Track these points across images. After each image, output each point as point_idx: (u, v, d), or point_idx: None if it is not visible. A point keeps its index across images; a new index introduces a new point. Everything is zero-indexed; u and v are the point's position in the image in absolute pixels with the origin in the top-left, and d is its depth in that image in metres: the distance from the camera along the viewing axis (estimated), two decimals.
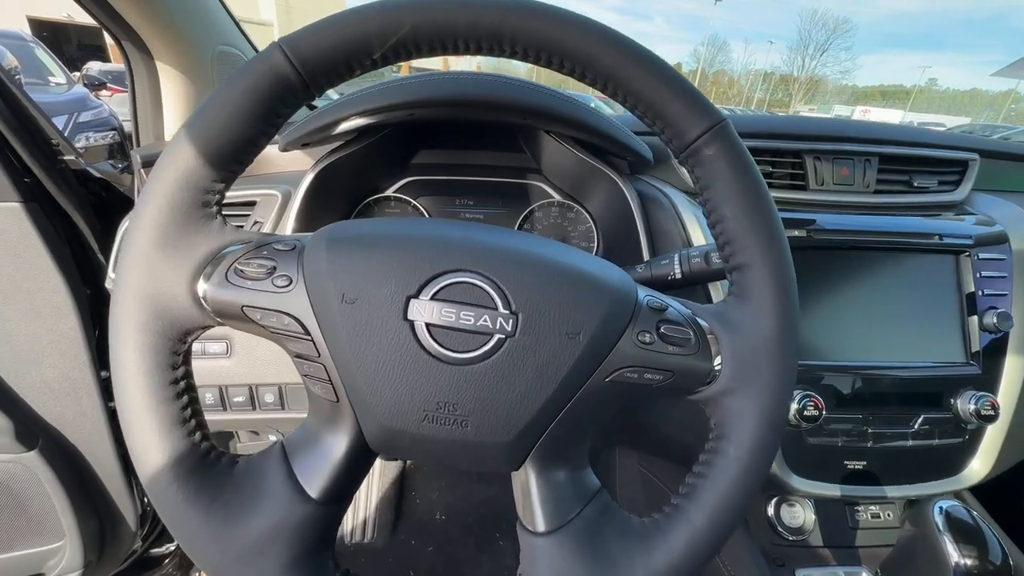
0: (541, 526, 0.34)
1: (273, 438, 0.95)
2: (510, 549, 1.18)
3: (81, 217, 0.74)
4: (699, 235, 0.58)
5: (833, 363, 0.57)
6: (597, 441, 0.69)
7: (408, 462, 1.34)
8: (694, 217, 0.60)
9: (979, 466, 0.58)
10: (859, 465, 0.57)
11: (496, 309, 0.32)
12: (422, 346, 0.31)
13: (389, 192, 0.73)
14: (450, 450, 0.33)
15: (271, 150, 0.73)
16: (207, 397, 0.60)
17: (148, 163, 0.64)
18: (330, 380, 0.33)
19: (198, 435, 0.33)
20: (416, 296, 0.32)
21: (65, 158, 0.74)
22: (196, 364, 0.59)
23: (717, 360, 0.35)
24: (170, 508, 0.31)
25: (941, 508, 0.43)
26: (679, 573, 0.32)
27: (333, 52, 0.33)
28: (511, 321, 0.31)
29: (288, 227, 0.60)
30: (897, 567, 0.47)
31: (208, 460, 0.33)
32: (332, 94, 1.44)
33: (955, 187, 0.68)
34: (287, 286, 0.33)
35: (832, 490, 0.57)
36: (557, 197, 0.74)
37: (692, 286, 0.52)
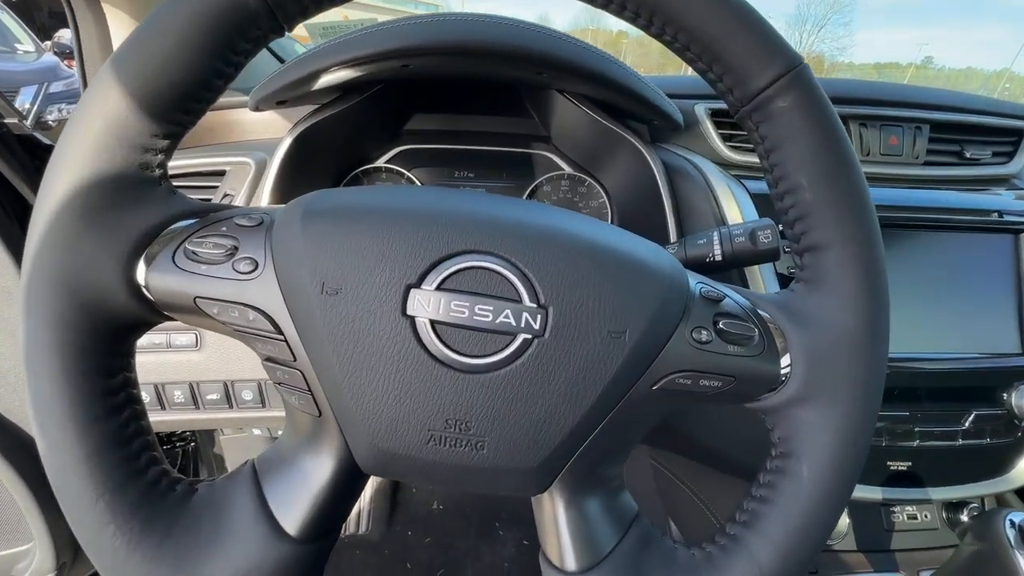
0: (572, 564, 0.28)
1: (257, 432, 0.88)
2: (510, 539, 1.14)
3: (29, 189, 0.65)
4: (735, 213, 0.51)
5: None
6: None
7: None
8: (729, 191, 0.53)
9: None
10: (903, 466, 0.52)
11: (520, 302, 0.25)
12: (426, 349, 0.25)
13: (380, 163, 0.65)
14: (460, 476, 0.27)
15: (243, 113, 0.64)
16: (176, 395, 0.53)
17: None
18: (310, 390, 0.26)
19: (144, 458, 0.26)
20: (418, 285, 0.25)
21: (7, 121, 0.64)
22: (161, 358, 0.52)
23: (785, 361, 0.29)
24: (106, 556, 0.25)
25: (1012, 522, 0.38)
26: None
27: None
28: (539, 317, 0.25)
29: (264, 198, 0.52)
30: None
31: (158, 490, 0.26)
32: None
33: (1009, 159, 0.61)
34: (252, 272, 0.26)
35: (872, 493, 0.52)
36: (567, 169, 0.67)
37: (732, 270, 0.46)
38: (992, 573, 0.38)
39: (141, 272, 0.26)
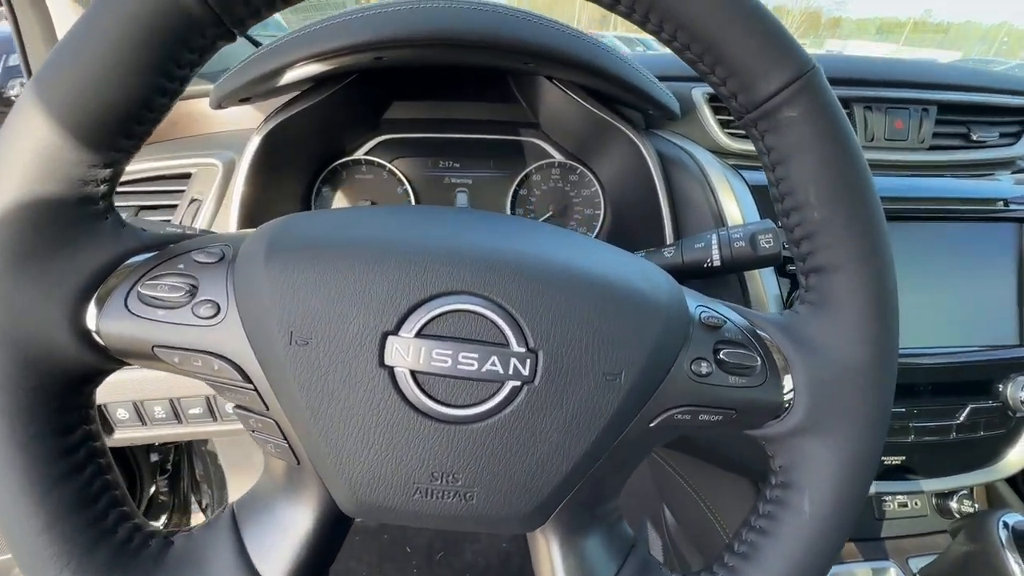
0: None
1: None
2: None
3: None
4: (733, 206, 0.49)
5: None
6: None
7: None
8: (726, 182, 0.50)
9: (1020, 455, 0.54)
10: (896, 461, 0.52)
11: (508, 347, 0.23)
12: (407, 401, 0.23)
13: (359, 155, 0.62)
14: (449, 522, 0.25)
15: (206, 104, 0.59)
16: (156, 411, 0.51)
17: None
18: (286, 439, 0.25)
19: (112, 517, 0.25)
20: (395, 332, 0.23)
21: None
22: (139, 375, 0.50)
23: (787, 387, 0.27)
24: None
25: (1005, 523, 0.38)
26: None
27: None
28: (529, 362, 0.23)
29: (234, 205, 0.49)
30: (940, 569, 0.43)
31: (129, 549, 0.25)
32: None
33: (1015, 139, 0.59)
34: (214, 316, 0.24)
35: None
36: (558, 156, 0.63)
37: (731, 274, 0.44)
38: (984, 573, 0.38)
39: (92, 318, 0.24)
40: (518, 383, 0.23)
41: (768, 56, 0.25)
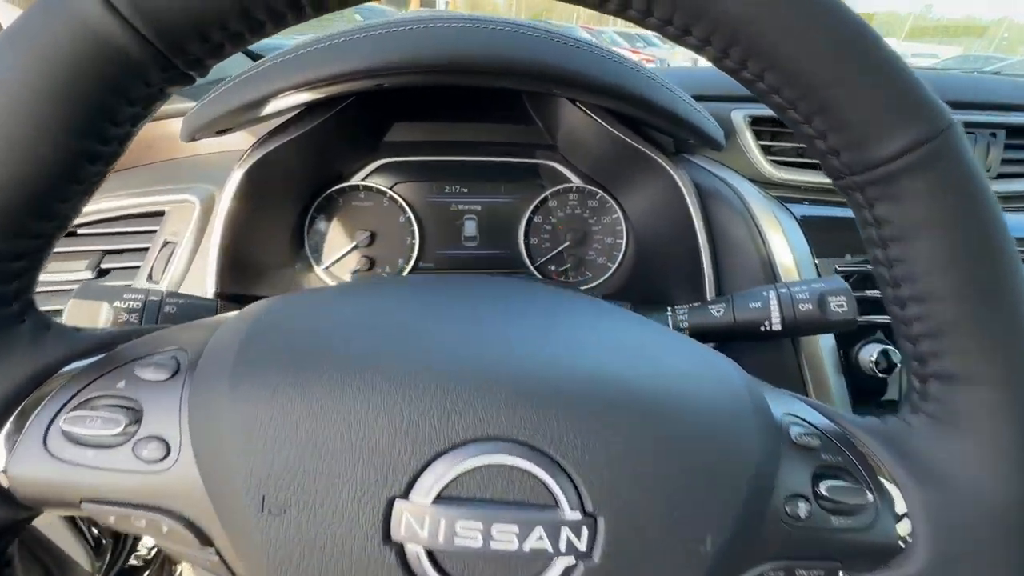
0: None
1: None
2: None
3: None
4: (783, 248, 0.43)
5: None
6: None
7: None
8: (774, 219, 0.44)
9: None
10: None
11: (559, 511, 0.17)
12: None
13: (357, 180, 0.55)
14: None
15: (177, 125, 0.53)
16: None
17: None
18: None
19: None
20: (405, 496, 0.17)
21: None
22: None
23: (902, 523, 0.21)
24: None
25: None
26: None
27: None
28: (586, 532, 0.17)
29: (212, 248, 0.42)
30: None
31: None
32: None
33: None
34: (162, 459, 0.18)
35: None
36: (577, 181, 0.57)
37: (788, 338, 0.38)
38: None
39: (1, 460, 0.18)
40: (572, 560, 0.17)
41: (893, 109, 0.19)
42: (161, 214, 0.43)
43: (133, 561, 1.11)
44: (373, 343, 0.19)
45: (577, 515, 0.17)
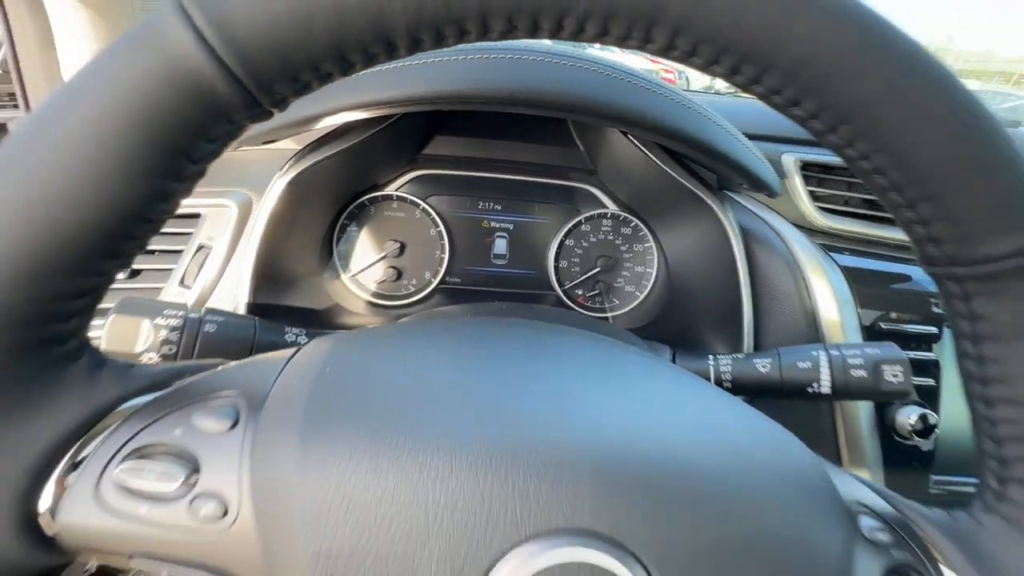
0: None
1: None
2: None
3: None
4: (830, 303, 0.42)
5: None
6: None
7: None
8: (821, 269, 0.43)
9: None
10: None
11: None
12: None
13: (390, 190, 0.54)
14: None
15: None
16: None
17: None
18: None
19: None
20: None
21: None
22: None
23: None
24: None
25: None
26: None
27: (306, 26, 0.15)
28: None
29: (249, 255, 0.41)
30: None
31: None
32: None
33: None
34: (220, 518, 0.17)
35: None
36: (612, 208, 0.56)
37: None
38: None
39: (44, 504, 0.17)
40: None
41: (1010, 208, 0.18)
42: (197, 216, 0.42)
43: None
44: (453, 411, 0.18)
45: None
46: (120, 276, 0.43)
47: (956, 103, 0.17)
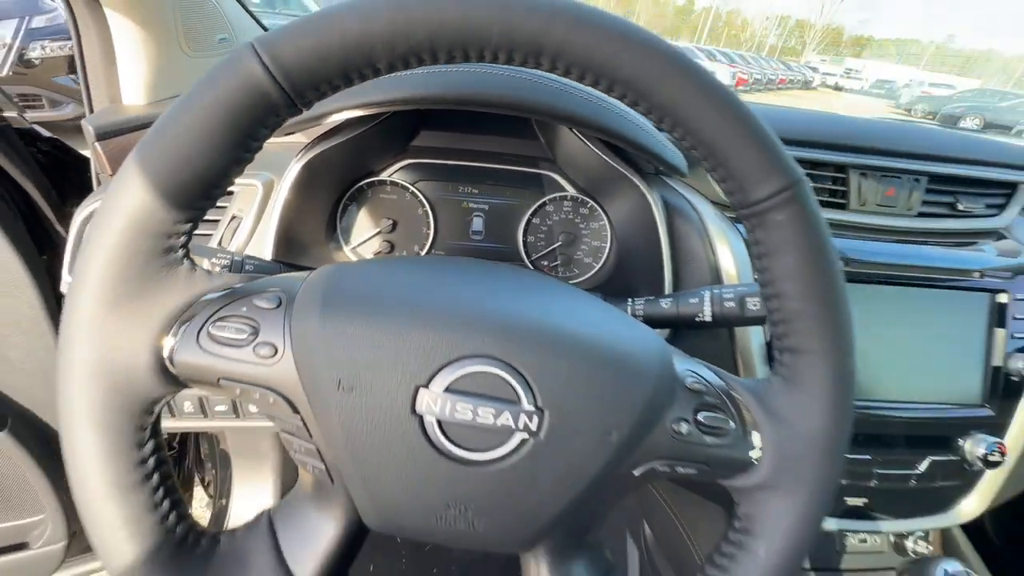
0: None
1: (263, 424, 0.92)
2: None
3: (31, 182, 0.65)
4: (729, 260, 0.53)
5: None
6: None
7: None
8: (724, 236, 0.54)
9: (974, 505, 0.59)
10: (859, 502, 0.56)
11: (519, 404, 0.27)
12: (432, 444, 0.27)
13: (385, 176, 0.65)
14: (456, 541, 0.30)
15: None
16: (186, 406, 0.55)
17: (103, 135, 0.55)
18: (324, 462, 0.29)
19: (172, 518, 0.29)
20: (426, 386, 0.27)
21: (5, 115, 0.63)
22: None
23: (755, 446, 0.31)
24: None
25: (946, 571, 0.43)
26: None
27: (326, 62, 0.26)
28: (536, 419, 0.27)
29: (272, 221, 0.53)
30: None
31: (186, 546, 0.29)
32: None
33: (1000, 211, 0.63)
34: (272, 357, 0.28)
35: (828, 524, 0.57)
36: (571, 191, 0.67)
37: (719, 328, 0.48)
38: None
39: (168, 347, 0.28)
40: (526, 436, 0.27)
41: (763, 167, 0.29)
42: (230, 194, 0.53)
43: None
44: (413, 289, 0.29)
45: (531, 408, 0.27)
46: None
47: (724, 101, 0.28)
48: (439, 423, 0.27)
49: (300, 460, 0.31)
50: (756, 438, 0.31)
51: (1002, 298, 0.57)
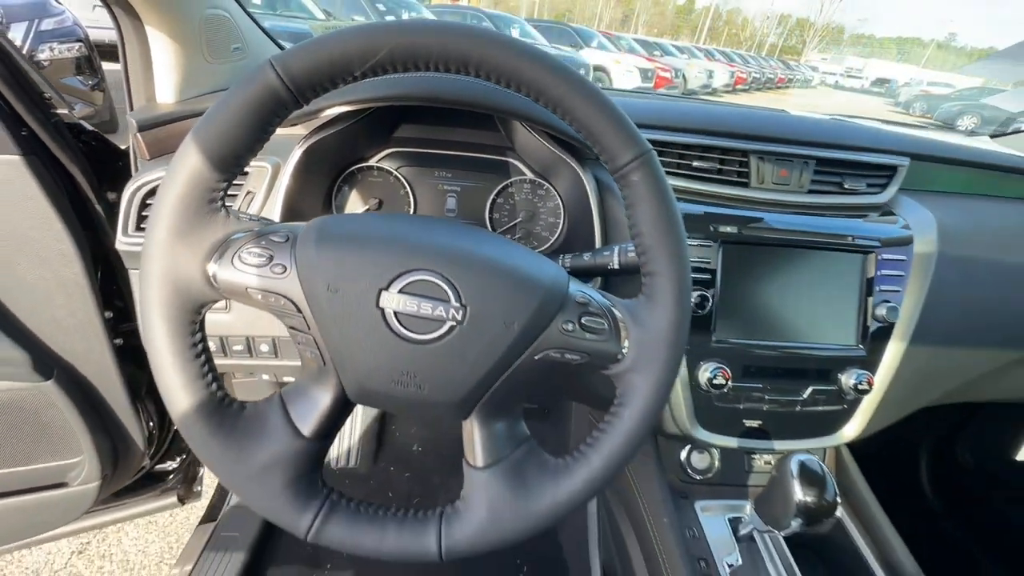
0: (480, 462, 0.45)
1: (266, 377, 1.06)
2: None
3: (77, 168, 0.79)
4: None
5: (745, 342, 0.68)
6: (558, 397, 0.81)
7: None
8: None
9: (852, 428, 0.72)
10: (755, 424, 0.69)
11: (450, 302, 0.40)
12: (391, 329, 0.40)
13: (372, 162, 0.78)
14: (410, 405, 0.43)
15: None
16: (210, 345, 0.69)
17: (144, 127, 0.68)
18: (319, 348, 0.42)
19: (214, 386, 0.42)
20: (387, 289, 0.40)
21: (58, 112, 0.76)
22: (226, 316, 0.68)
23: (625, 344, 0.44)
24: (197, 441, 0.41)
25: (798, 461, 0.55)
26: (575, 500, 0.44)
27: (319, 70, 0.39)
28: (461, 312, 0.40)
29: (279, 195, 0.66)
30: (763, 503, 0.61)
31: (223, 405, 0.43)
32: None
33: (882, 190, 0.76)
34: (283, 273, 0.41)
35: (731, 442, 0.70)
36: (529, 175, 0.80)
37: (628, 275, 0.61)
38: (779, 497, 0.56)
39: (212, 268, 0.41)
40: (454, 323, 0.40)
41: (622, 141, 0.42)
42: (246, 174, 0.67)
43: (169, 465, 1.36)
44: (381, 231, 0.43)
45: (458, 304, 0.40)
46: None
47: (592, 95, 0.41)
48: (395, 314, 0.40)
49: (301, 349, 0.44)
50: (624, 337, 0.44)
51: (871, 259, 0.70)
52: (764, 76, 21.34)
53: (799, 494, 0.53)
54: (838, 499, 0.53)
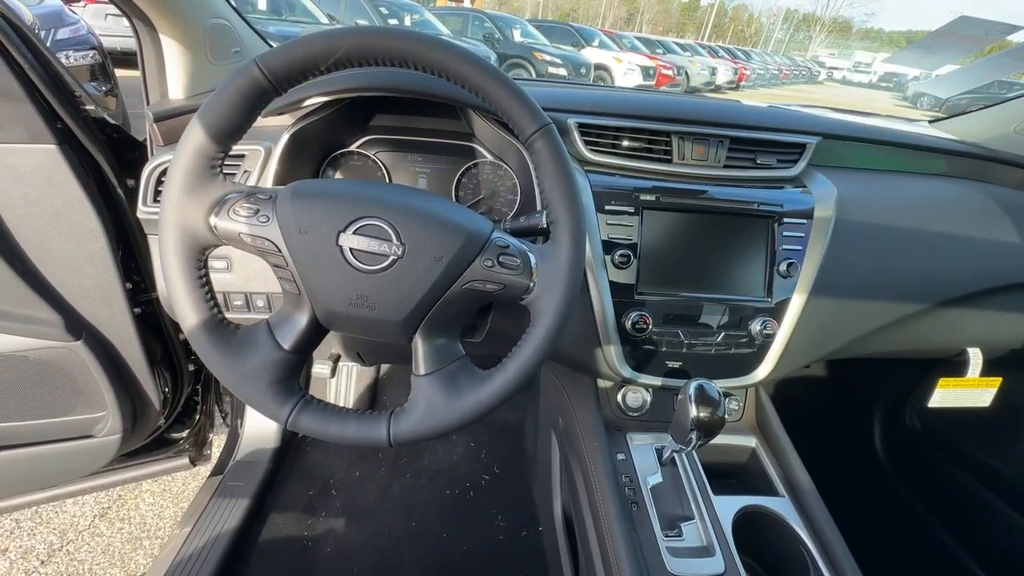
0: (422, 371, 0.57)
1: None
2: (459, 441, 1.47)
3: (103, 157, 0.92)
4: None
5: (664, 293, 0.80)
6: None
7: (380, 370, 1.61)
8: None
9: (764, 370, 0.83)
10: (676, 364, 0.81)
11: (392, 241, 0.53)
12: (347, 262, 0.53)
13: (352, 148, 0.91)
14: (366, 325, 0.55)
15: None
16: (237, 303, 0.82)
17: (159, 118, 0.82)
18: (295, 280, 0.55)
19: (215, 310, 0.55)
20: (344, 231, 0.53)
21: (87, 107, 0.90)
22: (230, 276, 0.81)
23: (533, 277, 0.56)
24: (202, 349, 0.54)
25: (696, 384, 0.67)
26: (496, 399, 0.56)
27: (292, 66, 0.52)
28: (401, 249, 0.53)
29: (270, 174, 0.79)
30: (673, 424, 0.72)
31: (223, 325, 0.55)
32: None
33: (792, 165, 0.87)
34: (267, 222, 0.54)
35: (656, 381, 0.81)
36: (489, 157, 0.93)
37: None
38: (682, 415, 0.67)
39: (212, 219, 0.54)
40: (396, 257, 0.53)
41: (527, 117, 0.54)
42: (243, 156, 0.80)
43: (178, 434, 1.51)
44: (341, 191, 0.55)
45: (398, 243, 0.53)
46: None
47: (500, 80, 0.53)
48: (351, 250, 0.53)
49: (282, 283, 0.57)
50: (534, 273, 0.56)
51: (776, 224, 0.82)
52: (768, 72, 21.26)
53: (694, 411, 0.65)
54: (727, 416, 0.64)
